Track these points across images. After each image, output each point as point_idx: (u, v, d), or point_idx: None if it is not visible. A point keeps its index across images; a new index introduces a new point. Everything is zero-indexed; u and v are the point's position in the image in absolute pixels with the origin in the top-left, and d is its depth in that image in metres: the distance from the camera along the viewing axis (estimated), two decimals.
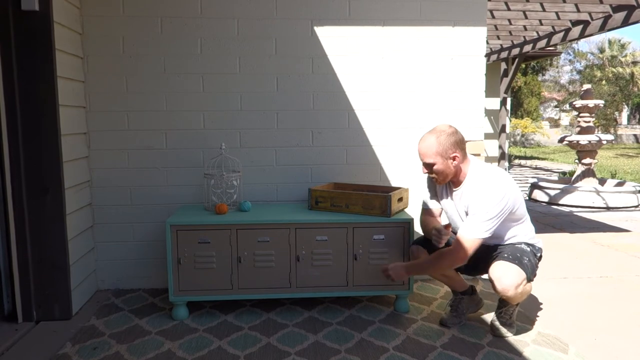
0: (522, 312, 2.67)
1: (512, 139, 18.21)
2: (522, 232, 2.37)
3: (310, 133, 3.05)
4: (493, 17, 6.34)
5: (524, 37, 7.94)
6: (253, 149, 3.03)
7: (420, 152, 2.30)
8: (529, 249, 2.34)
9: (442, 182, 2.33)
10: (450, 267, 2.36)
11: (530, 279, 2.29)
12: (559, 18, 6.30)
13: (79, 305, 2.71)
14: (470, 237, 2.19)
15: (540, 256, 2.41)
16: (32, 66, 2.40)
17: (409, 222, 2.59)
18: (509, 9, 5.92)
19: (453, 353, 2.21)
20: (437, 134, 2.25)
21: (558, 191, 6.41)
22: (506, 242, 2.36)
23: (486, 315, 2.62)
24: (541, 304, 2.82)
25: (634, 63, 23.17)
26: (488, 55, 9.65)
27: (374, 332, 2.43)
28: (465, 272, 2.55)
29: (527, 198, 6.83)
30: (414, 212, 2.72)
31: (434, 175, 2.30)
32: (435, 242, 2.34)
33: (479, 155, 3.12)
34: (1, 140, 2.43)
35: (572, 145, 6.66)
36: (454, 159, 2.25)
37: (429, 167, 2.28)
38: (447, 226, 2.42)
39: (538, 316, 2.63)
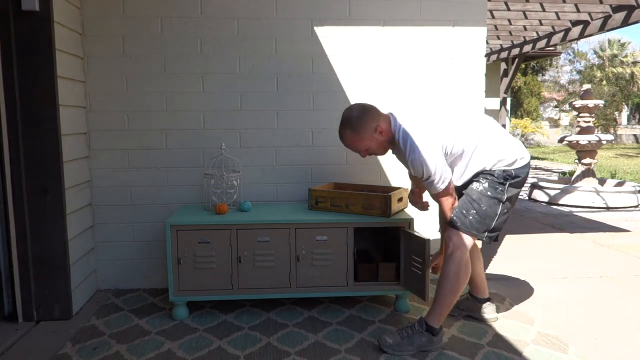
0: (522, 312, 2.67)
1: None
2: (480, 161, 2.19)
3: (310, 133, 3.05)
4: (493, 17, 6.34)
5: (524, 37, 7.95)
6: (253, 149, 3.03)
7: (350, 148, 2.28)
8: (484, 185, 2.19)
9: (385, 152, 2.33)
10: (448, 208, 2.25)
11: (476, 231, 2.19)
12: (558, 18, 6.31)
13: (79, 305, 2.72)
14: (435, 192, 2.22)
15: (516, 175, 2.20)
16: (32, 66, 2.40)
17: (409, 222, 2.59)
18: (509, 9, 5.92)
19: (453, 353, 2.21)
20: (349, 125, 2.21)
21: (558, 191, 6.41)
22: (467, 181, 2.25)
23: (486, 316, 2.62)
24: (541, 304, 2.82)
25: (634, 63, 23.16)
26: (488, 55, 9.65)
27: (374, 332, 2.43)
28: None
29: (527, 198, 6.83)
30: (414, 212, 2.72)
31: (375, 154, 2.29)
32: (413, 204, 2.55)
33: None
34: (1, 140, 2.43)
35: (572, 145, 6.66)
36: (380, 131, 2.21)
37: (365, 152, 2.27)
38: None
39: (538, 316, 2.63)
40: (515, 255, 3.87)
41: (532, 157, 14.16)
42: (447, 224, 2.27)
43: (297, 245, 2.56)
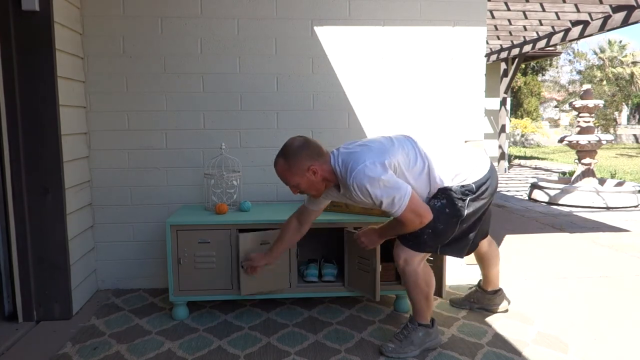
0: (522, 312, 2.67)
1: (511, 139, 18.21)
2: (440, 178, 2.10)
3: (310, 133, 3.05)
4: (493, 17, 6.35)
5: (524, 37, 7.96)
6: (253, 149, 3.03)
7: (280, 178, 2.10)
8: (442, 202, 2.09)
9: (319, 195, 2.15)
10: (418, 228, 2.07)
11: (430, 248, 2.13)
12: (558, 18, 6.31)
13: (79, 305, 2.72)
14: (403, 210, 1.97)
15: (476, 189, 2.11)
16: (33, 66, 2.40)
17: None
18: (509, 9, 5.93)
19: (453, 353, 2.21)
20: (284, 154, 2.06)
21: (558, 191, 6.41)
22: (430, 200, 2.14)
23: (487, 316, 2.62)
24: (541, 304, 2.82)
25: (634, 63, 23.16)
26: (488, 55, 9.66)
27: (374, 332, 2.43)
28: None
29: (527, 198, 6.83)
30: None
31: (305, 192, 2.13)
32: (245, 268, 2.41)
33: None
34: (1, 140, 2.43)
35: (572, 145, 6.66)
36: (313, 171, 2.03)
37: (294, 189, 2.10)
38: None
39: (538, 316, 2.63)
40: (515, 255, 3.87)
41: (532, 157, 14.16)
42: (397, 238, 2.18)
43: (297, 245, 2.56)
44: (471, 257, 2.56)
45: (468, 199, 2.11)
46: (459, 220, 2.12)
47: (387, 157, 2.00)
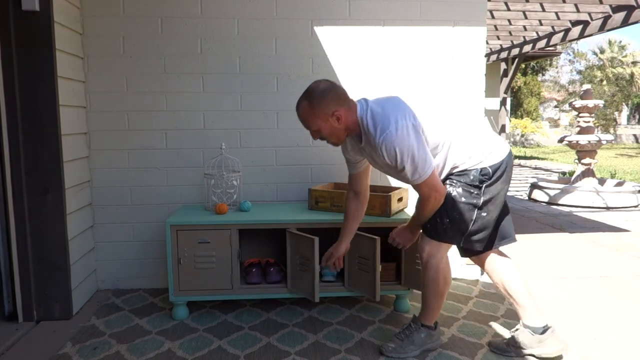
0: None
1: (511, 139, 18.22)
2: (454, 157, 2.03)
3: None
4: (493, 17, 6.35)
5: (524, 37, 7.95)
6: (253, 149, 3.03)
7: (302, 123, 2.04)
8: (457, 190, 2.02)
9: (339, 143, 2.09)
10: (434, 209, 2.04)
11: (450, 239, 2.08)
12: (558, 18, 6.31)
13: (79, 305, 2.72)
14: (421, 182, 1.94)
15: (493, 173, 2.01)
16: (33, 66, 2.40)
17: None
18: (508, 9, 5.93)
19: (453, 353, 2.21)
20: (309, 96, 1.98)
21: (558, 191, 6.41)
22: (443, 180, 2.06)
23: (487, 316, 2.62)
24: (541, 303, 2.81)
25: (634, 63, 23.17)
26: (488, 55, 9.66)
27: (374, 332, 2.43)
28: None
29: (527, 198, 6.83)
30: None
31: (326, 140, 2.07)
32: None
33: None
34: (1, 140, 2.43)
35: (572, 145, 6.66)
36: (337, 117, 1.97)
37: (316, 133, 2.03)
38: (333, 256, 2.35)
39: None
40: (514, 256, 3.86)
41: (532, 157, 14.17)
42: (422, 230, 2.17)
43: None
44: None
45: (484, 185, 2.01)
46: (475, 208, 2.02)
47: (418, 120, 1.95)
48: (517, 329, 2.19)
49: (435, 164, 2.01)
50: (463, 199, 2.02)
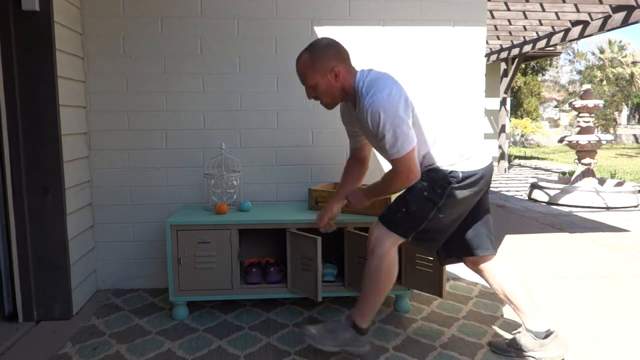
0: None
1: (511, 139, 18.21)
2: (434, 156, 2.00)
3: (310, 133, 3.05)
4: (493, 17, 6.36)
5: (524, 37, 7.96)
6: (253, 149, 3.03)
7: (300, 76, 2.02)
8: (423, 184, 1.98)
9: (332, 106, 2.10)
10: (401, 188, 2.03)
11: (403, 230, 2.02)
12: (558, 18, 6.32)
13: (79, 305, 2.72)
14: (398, 157, 1.90)
15: (463, 178, 1.97)
16: (33, 66, 2.40)
17: None
18: (508, 9, 5.93)
19: (453, 353, 2.21)
20: (311, 48, 1.98)
21: (558, 191, 6.41)
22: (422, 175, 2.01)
23: (487, 316, 2.62)
24: (541, 303, 2.82)
25: (634, 63, 23.17)
26: (488, 55, 9.66)
27: (374, 332, 2.43)
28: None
29: (527, 198, 6.83)
30: None
31: (320, 99, 2.06)
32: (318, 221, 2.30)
33: None
34: (1, 140, 2.43)
35: (572, 145, 6.66)
36: (335, 74, 1.96)
37: (311, 90, 2.02)
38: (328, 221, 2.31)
39: None
40: (514, 255, 3.88)
41: (532, 157, 14.17)
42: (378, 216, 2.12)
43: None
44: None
45: (449, 187, 1.96)
46: (435, 207, 1.98)
47: (410, 101, 1.92)
48: (519, 332, 2.18)
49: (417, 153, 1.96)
50: (425, 193, 1.98)
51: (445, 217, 2.02)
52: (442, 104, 2.62)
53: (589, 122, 6.68)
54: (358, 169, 2.33)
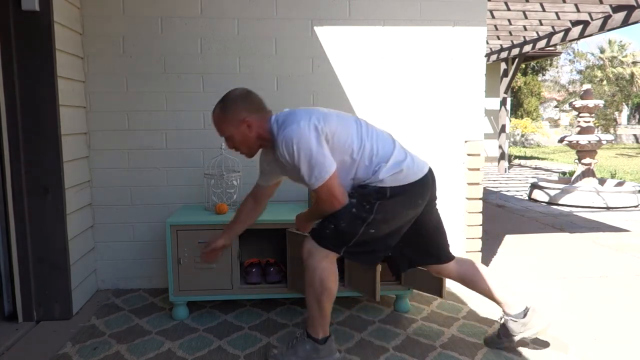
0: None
1: (512, 139, 18.21)
2: (363, 170, 1.97)
3: None
4: (493, 17, 6.35)
5: (524, 37, 7.96)
6: None
7: (215, 128, 2.03)
8: (352, 200, 1.96)
9: (251, 154, 2.08)
10: (332, 211, 1.98)
11: (332, 246, 1.99)
12: (558, 18, 6.32)
13: (79, 305, 2.72)
14: (318, 185, 1.89)
15: (392, 195, 1.95)
16: (33, 66, 2.40)
17: None
18: (509, 9, 5.93)
19: (453, 353, 2.21)
20: (222, 102, 2.00)
21: (558, 191, 6.41)
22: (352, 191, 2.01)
23: (487, 316, 2.62)
24: (541, 304, 2.82)
25: (634, 63, 23.17)
26: (488, 55, 9.66)
27: (374, 332, 2.44)
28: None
29: (527, 198, 6.83)
30: None
31: (238, 149, 2.05)
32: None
33: (478, 155, 3.12)
34: (1, 140, 2.43)
35: (572, 145, 6.66)
36: (248, 124, 1.96)
37: (228, 141, 2.02)
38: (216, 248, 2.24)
39: None
40: (515, 255, 3.87)
41: (533, 157, 14.16)
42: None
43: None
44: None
45: (378, 202, 1.94)
46: (364, 223, 1.95)
47: (326, 124, 1.90)
48: (501, 318, 2.25)
49: (343, 174, 1.96)
50: (354, 210, 1.96)
51: (377, 232, 2.00)
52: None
53: (589, 122, 6.68)
54: (254, 210, 2.27)
